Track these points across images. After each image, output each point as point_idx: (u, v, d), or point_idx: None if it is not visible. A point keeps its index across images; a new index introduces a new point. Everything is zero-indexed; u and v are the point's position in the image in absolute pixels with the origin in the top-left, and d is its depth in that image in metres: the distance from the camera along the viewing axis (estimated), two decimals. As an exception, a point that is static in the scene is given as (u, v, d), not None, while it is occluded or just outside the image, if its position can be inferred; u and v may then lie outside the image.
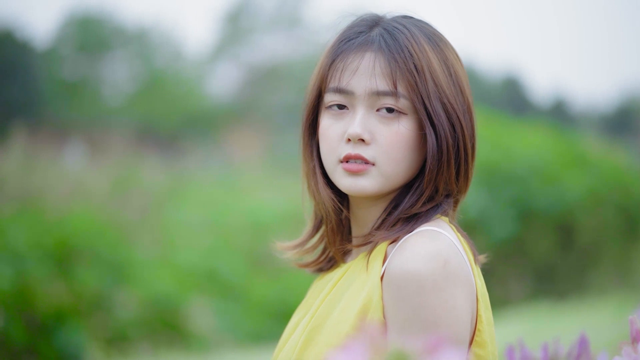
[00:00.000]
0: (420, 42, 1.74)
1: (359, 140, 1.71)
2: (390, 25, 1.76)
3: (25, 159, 9.16)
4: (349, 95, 1.73)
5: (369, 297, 1.66)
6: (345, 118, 1.74)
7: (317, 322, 1.73)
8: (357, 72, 1.73)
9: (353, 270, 1.77)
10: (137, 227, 8.81)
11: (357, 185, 1.72)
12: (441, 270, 1.60)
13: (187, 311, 7.81)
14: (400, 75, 1.71)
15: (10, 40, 21.83)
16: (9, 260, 7.11)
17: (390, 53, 1.72)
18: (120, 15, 32.16)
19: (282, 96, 28.17)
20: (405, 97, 1.71)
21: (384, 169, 1.71)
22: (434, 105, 1.70)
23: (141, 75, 26.94)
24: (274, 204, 10.58)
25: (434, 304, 1.58)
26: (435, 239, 1.64)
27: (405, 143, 1.71)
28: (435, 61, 1.73)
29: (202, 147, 19.97)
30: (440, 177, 1.74)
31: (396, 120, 1.71)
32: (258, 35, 29.86)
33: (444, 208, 1.75)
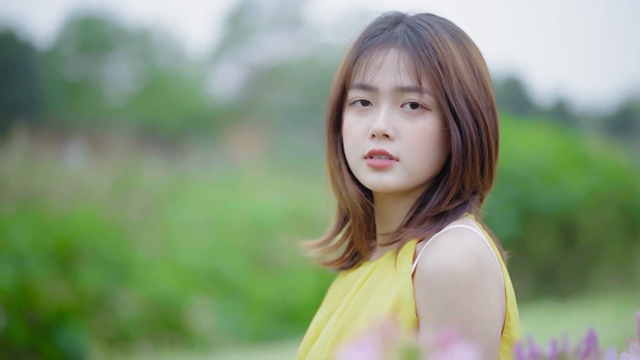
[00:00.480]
0: (444, 39, 1.74)
1: (383, 136, 1.71)
2: (414, 22, 1.77)
3: (27, 159, 9.16)
4: (373, 91, 1.74)
5: (400, 295, 1.66)
6: (370, 114, 1.74)
7: (347, 320, 1.74)
8: (381, 68, 1.73)
9: (381, 268, 1.77)
10: (138, 227, 8.81)
11: (381, 181, 1.72)
12: (475, 268, 1.61)
13: (189, 311, 7.82)
14: (424, 71, 1.71)
15: (12, 40, 21.84)
16: (11, 260, 7.11)
17: (415, 49, 1.73)
18: (121, 15, 32.19)
19: (283, 96, 28.18)
20: (429, 93, 1.72)
21: (408, 165, 1.72)
22: (458, 101, 1.71)
23: (142, 75, 26.95)
24: (275, 204, 10.59)
25: (468, 301, 1.59)
26: (467, 237, 1.66)
27: (429, 139, 1.72)
28: (459, 58, 1.74)
29: (203, 147, 19.98)
30: (465, 173, 1.74)
31: (420, 116, 1.72)
32: (259, 36, 29.87)
33: (471, 205, 1.76)
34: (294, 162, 18.36)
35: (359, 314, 1.73)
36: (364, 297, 1.75)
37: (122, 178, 9.71)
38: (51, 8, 43.69)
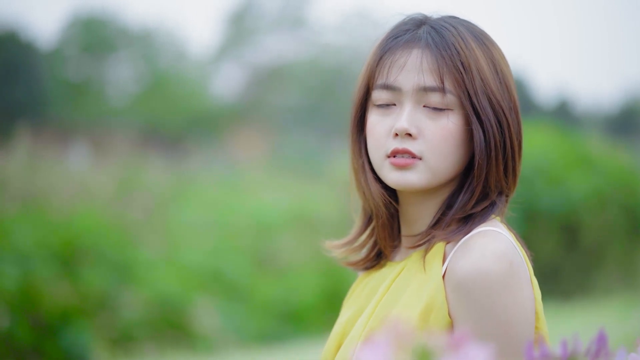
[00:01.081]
0: (468, 40, 1.77)
1: (406, 135, 1.73)
2: (437, 24, 1.79)
3: (30, 159, 9.17)
4: (396, 91, 1.76)
5: (432, 298, 1.68)
6: (393, 114, 1.77)
7: (377, 321, 1.75)
8: (404, 68, 1.75)
9: (409, 269, 1.78)
10: (141, 227, 8.82)
11: (404, 179, 1.74)
12: (508, 271, 1.64)
13: (192, 311, 7.82)
14: (447, 71, 1.73)
15: (14, 41, 21.86)
16: (14, 261, 7.12)
17: (437, 50, 1.75)
18: (124, 16, 32.20)
19: (285, 97, 28.19)
20: (452, 92, 1.73)
21: (431, 163, 1.73)
22: (481, 101, 1.73)
23: (145, 76, 26.97)
24: (278, 204, 10.60)
25: (504, 303, 1.62)
26: (498, 240, 1.68)
27: (452, 138, 1.74)
28: (483, 59, 1.76)
29: (205, 148, 19.99)
30: (490, 173, 1.76)
31: (443, 115, 1.74)
32: (262, 36, 29.88)
33: (498, 207, 1.78)
34: (296, 162, 18.37)
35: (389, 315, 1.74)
36: (394, 297, 1.76)
37: (124, 178, 9.72)
38: (53, 9, 43.71)
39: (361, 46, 30.58)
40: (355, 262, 1.93)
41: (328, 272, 9.42)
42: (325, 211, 10.86)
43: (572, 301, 9.54)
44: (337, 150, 18.94)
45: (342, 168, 13.05)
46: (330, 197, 11.65)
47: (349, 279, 9.60)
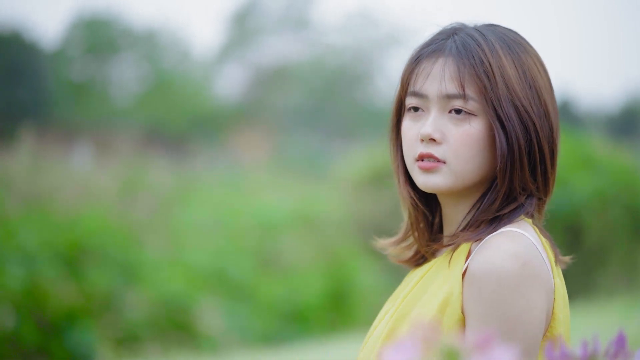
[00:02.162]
0: (495, 48, 1.84)
1: (430, 140, 1.82)
2: (467, 33, 1.87)
3: (34, 160, 9.18)
4: (423, 98, 1.85)
5: (450, 292, 1.76)
6: (422, 119, 1.85)
7: (401, 313, 1.84)
8: (429, 76, 1.84)
9: (437, 266, 1.86)
10: (145, 228, 8.83)
11: (430, 182, 1.83)
12: (520, 271, 1.71)
13: (197, 311, 7.84)
14: (468, 78, 1.81)
15: (19, 42, 21.88)
16: (19, 261, 7.15)
17: (460, 58, 1.82)
18: (127, 17, 32.19)
19: (288, 97, 28.19)
20: (474, 99, 1.81)
21: (454, 167, 1.81)
22: (504, 107, 1.80)
23: (148, 76, 26.98)
24: (282, 205, 10.61)
25: (511, 302, 1.70)
26: (516, 240, 1.75)
27: (474, 142, 1.81)
28: (510, 66, 1.83)
29: (209, 148, 20.01)
30: (514, 176, 1.82)
31: (466, 121, 1.82)
32: (265, 37, 29.89)
33: (527, 209, 1.84)
34: (299, 163, 18.38)
35: (413, 308, 1.83)
36: (420, 292, 1.85)
37: (128, 179, 9.73)
38: (57, 9, 43.74)
39: (364, 47, 30.58)
40: (405, 259, 2.01)
41: (332, 273, 9.44)
42: (329, 212, 10.88)
43: (575, 302, 9.55)
44: (339, 150, 18.95)
45: (344, 168, 13.07)
46: (334, 197, 11.67)
47: (352, 280, 9.62)
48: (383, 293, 10.27)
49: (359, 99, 29.23)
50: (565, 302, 1.82)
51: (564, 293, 1.83)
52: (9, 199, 8.21)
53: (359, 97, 29.40)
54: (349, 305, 9.44)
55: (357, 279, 9.61)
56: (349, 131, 25.69)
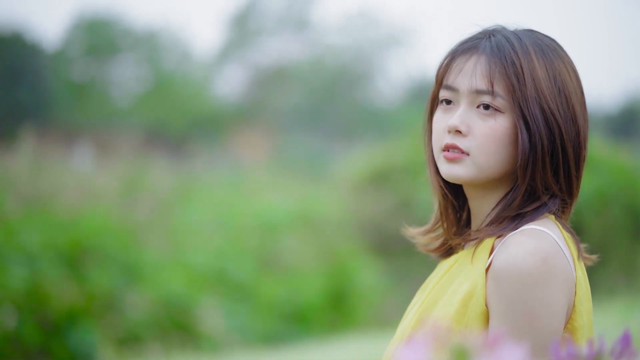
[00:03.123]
0: (528, 51, 1.92)
1: (456, 132, 1.91)
2: (502, 35, 1.96)
3: (34, 161, 9.19)
4: (454, 91, 1.94)
5: (473, 286, 1.84)
6: (451, 112, 1.94)
7: (427, 305, 1.92)
8: (462, 71, 1.93)
9: (462, 261, 1.94)
10: (146, 228, 8.85)
11: (452, 172, 1.91)
12: (540, 267, 1.78)
13: (198, 312, 7.86)
14: (498, 77, 1.90)
15: (20, 43, 21.89)
16: (21, 261, 7.16)
17: (492, 57, 1.91)
18: (128, 17, 32.23)
19: (289, 98, 28.21)
20: (502, 97, 1.89)
21: (477, 159, 1.90)
22: (531, 107, 1.88)
23: (149, 77, 27.00)
24: (282, 205, 10.62)
25: (530, 298, 1.77)
26: (537, 237, 1.82)
27: (497, 138, 1.89)
28: (541, 69, 1.91)
29: (209, 149, 20.02)
30: (535, 175, 1.90)
31: (492, 117, 1.90)
32: (265, 37, 29.90)
33: (550, 208, 1.92)
34: (299, 163, 18.39)
35: (439, 301, 1.91)
36: (445, 286, 1.93)
37: (129, 180, 9.74)
38: (58, 10, 43.76)
39: (364, 47, 30.59)
40: (433, 249, 2.08)
41: (332, 273, 9.46)
42: (329, 212, 10.89)
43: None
44: (339, 151, 18.96)
45: (344, 169, 13.09)
46: (334, 198, 11.68)
47: (352, 280, 9.64)
48: (383, 293, 10.29)
49: (359, 99, 29.24)
50: (587, 295, 1.88)
51: (585, 286, 1.89)
52: (10, 199, 8.22)
53: (359, 97, 29.41)
54: (349, 305, 9.46)
55: (358, 279, 9.64)
56: (349, 131, 25.71)
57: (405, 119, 24.78)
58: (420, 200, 11.17)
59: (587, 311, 1.88)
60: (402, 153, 12.06)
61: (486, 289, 1.82)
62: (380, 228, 11.18)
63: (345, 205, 11.34)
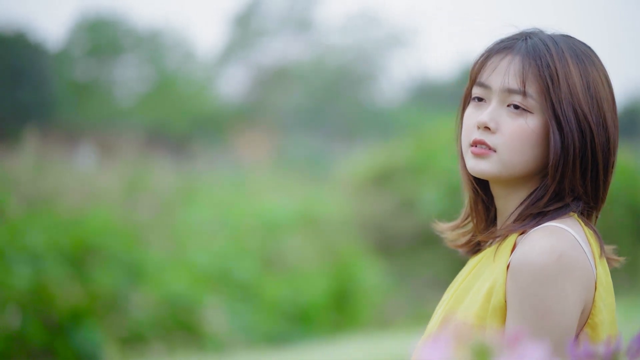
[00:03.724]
0: (564, 56, 1.97)
1: (485, 128, 1.95)
2: (539, 38, 2.00)
3: (37, 161, 9.21)
4: (487, 89, 1.99)
5: (494, 283, 1.88)
6: (482, 109, 1.99)
7: (453, 303, 1.96)
8: (495, 70, 1.98)
9: (487, 258, 1.98)
10: (149, 228, 8.86)
11: (478, 167, 1.96)
12: (554, 264, 1.83)
13: (201, 311, 7.88)
14: (531, 77, 1.94)
15: (23, 43, 21.89)
16: (25, 261, 7.18)
17: (527, 58, 1.96)
18: (131, 18, 32.23)
19: (291, 98, 28.21)
20: (533, 98, 1.93)
21: (503, 157, 1.94)
22: (565, 109, 1.92)
23: (152, 77, 27.01)
24: (285, 205, 10.63)
25: (544, 294, 1.81)
26: (555, 234, 1.87)
27: (526, 137, 1.93)
28: (576, 74, 1.95)
29: (211, 149, 20.02)
30: (565, 177, 1.94)
31: (522, 116, 1.94)
32: (267, 38, 29.91)
33: (572, 208, 1.96)
34: (301, 163, 18.39)
35: (465, 298, 1.95)
36: (471, 283, 1.97)
37: (131, 180, 9.76)
38: (61, 10, 43.76)
39: (365, 47, 30.60)
40: (460, 244, 2.11)
41: (335, 273, 9.47)
42: (332, 212, 10.90)
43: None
44: (341, 151, 18.95)
45: (346, 169, 13.09)
46: (336, 198, 11.69)
47: (355, 280, 9.65)
48: (386, 293, 10.30)
49: (360, 99, 29.24)
50: (608, 291, 1.91)
51: (607, 282, 1.92)
52: (13, 199, 8.23)
53: (360, 97, 29.41)
54: (352, 305, 9.47)
55: (361, 279, 9.65)
56: (350, 131, 25.71)
57: (406, 119, 24.79)
58: (423, 200, 11.18)
59: (609, 308, 1.90)
60: (404, 153, 12.07)
61: (506, 284, 1.85)
62: (383, 228, 11.19)
63: (348, 205, 11.35)
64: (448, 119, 14.38)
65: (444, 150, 11.66)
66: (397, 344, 7.79)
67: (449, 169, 11.34)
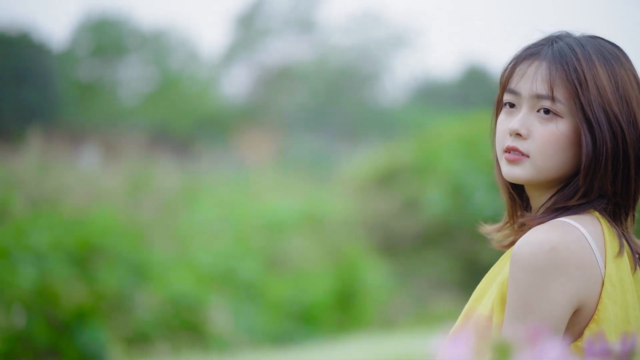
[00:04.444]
0: (591, 58, 2.01)
1: (517, 135, 2.00)
2: (565, 42, 2.04)
3: (41, 161, 9.22)
4: (517, 95, 2.04)
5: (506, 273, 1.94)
6: (514, 115, 2.04)
7: (476, 296, 2.03)
8: (524, 76, 2.03)
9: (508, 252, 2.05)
10: (153, 228, 8.88)
11: (512, 173, 2.01)
12: (544, 257, 1.87)
13: (205, 311, 7.89)
14: (559, 82, 1.98)
15: (27, 43, 21.89)
16: (30, 261, 7.20)
17: (554, 64, 2.00)
18: (135, 18, 32.23)
19: (294, 98, 28.21)
20: (562, 102, 1.98)
21: (536, 162, 1.99)
22: (595, 111, 1.96)
23: (155, 77, 27.02)
24: (288, 205, 10.64)
25: (527, 286, 1.87)
26: (556, 229, 1.92)
27: (557, 141, 1.98)
28: (604, 75, 1.99)
29: (215, 149, 20.03)
30: (596, 177, 1.98)
31: (552, 121, 1.99)
32: (271, 38, 29.92)
33: (594, 205, 2.00)
34: (304, 163, 18.40)
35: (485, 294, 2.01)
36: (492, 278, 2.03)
37: (135, 180, 9.77)
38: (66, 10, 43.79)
39: (369, 47, 30.60)
40: (507, 244, 2.15)
41: (339, 273, 9.48)
42: (335, 212, 10.92)
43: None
44: (345, 151, 18.96)
45: (350, 169, 13.10)
46: (340, 198, 11.70)
47: (359, 279, 9.67)
48: (390, 293, 10.32)
49: (364, 99, 29.24)
50: (624, 289, 1.93)
51: (622, 280, 1.93)
52: (18, 199, 8.25)
53: (364, 97, 29.42)
54: (356, 304, 9.49)
55: (364, 279, 9.66)
56: (353, 131, 25.72)
57: (410, 119, 24.79)
58: (426, 200, 11.20)
59: (622, 305, 1.92)
60: (407, 153, 12.08)
61: None
62: (386, 228, 11.20)
63: (351, 205, 11.36)
64: (451, 118, 14.42)
65: (447, 150, 11.67)
66: (401, 344, 7.80)
67: (452, 168, 11.36)
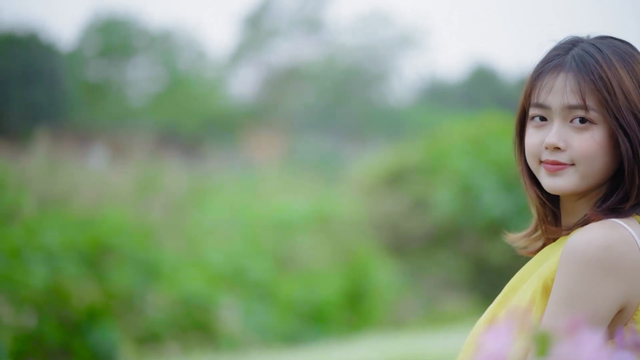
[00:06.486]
0: (612, 62, 2.05)
1: (555, 149, 2.04)
2: (584, 48, 2.09)
3: (50, 161, 9.25)
4: (547, 109, 2.07)
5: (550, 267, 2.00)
6: (545, 129, 2.07)
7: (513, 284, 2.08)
8: (552, 90, 2.07)
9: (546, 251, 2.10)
10: (162, 228, 8.89)
11: (556, 184, 2.05)
12: (601, 253, 1.93)
13: (216, 311, 7.91)
14: (589, 91, 2.03)
15: (35, 43, 21.93)
16: (41, 260, 7.22)
17: (580, 74, 2.04)
18: (143, 18, 32.27)
19: (302, 98, 28.23)
20: (594, 109, 2.03)
21: (581, 169, 2.03)
22: (625, 116, 2.01)
23: (163, 77, 27.05)
24: (297, 205, 10.66)
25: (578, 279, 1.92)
26: (609, 228, 1.97)
27: (596, 147, 2.03)
28: (627, 78, 2.04)
29: (223, 149, 20.05)
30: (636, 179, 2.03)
31: (588, 129, 2.03)
32: (278, 38, 29.94)
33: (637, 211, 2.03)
34: (312, 164, 18.41)
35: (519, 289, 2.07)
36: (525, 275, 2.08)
37: (143, 180, 9.79)
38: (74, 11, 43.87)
39: (376, 47, 30.61)
40: (534, 250, 2.18)
41: (349, 272, 9.49)
42: (344, 212, 10.93)
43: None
44: (352, 151, 18.97)
45: (359, 169, 13.11)
46: (348, 198, 11.71)
47: (369, 279, 9.68)
48: (399, 292, 10.32)
49: (371, 100, 29.26)
50: None
51: None
52: (27, 199, 8.27)
53: (371, 97, 29.43)
54: (366, 304, 9.50)
55: (374, 279, 9.67)
56: (361, 132, 25.73)
57: (418, 119, 24.79)
58: (435, 200, 11.21)
59: None
60: (416, 153, 12.09)
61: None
62: (395, 228, 11.21)
63: (360, 205, 11.37)
64: (458, 118, 14.41)
65: (456, 150, 11.68)
66: (410, 344, 7.81)
67: (460, 169, 11.37)
